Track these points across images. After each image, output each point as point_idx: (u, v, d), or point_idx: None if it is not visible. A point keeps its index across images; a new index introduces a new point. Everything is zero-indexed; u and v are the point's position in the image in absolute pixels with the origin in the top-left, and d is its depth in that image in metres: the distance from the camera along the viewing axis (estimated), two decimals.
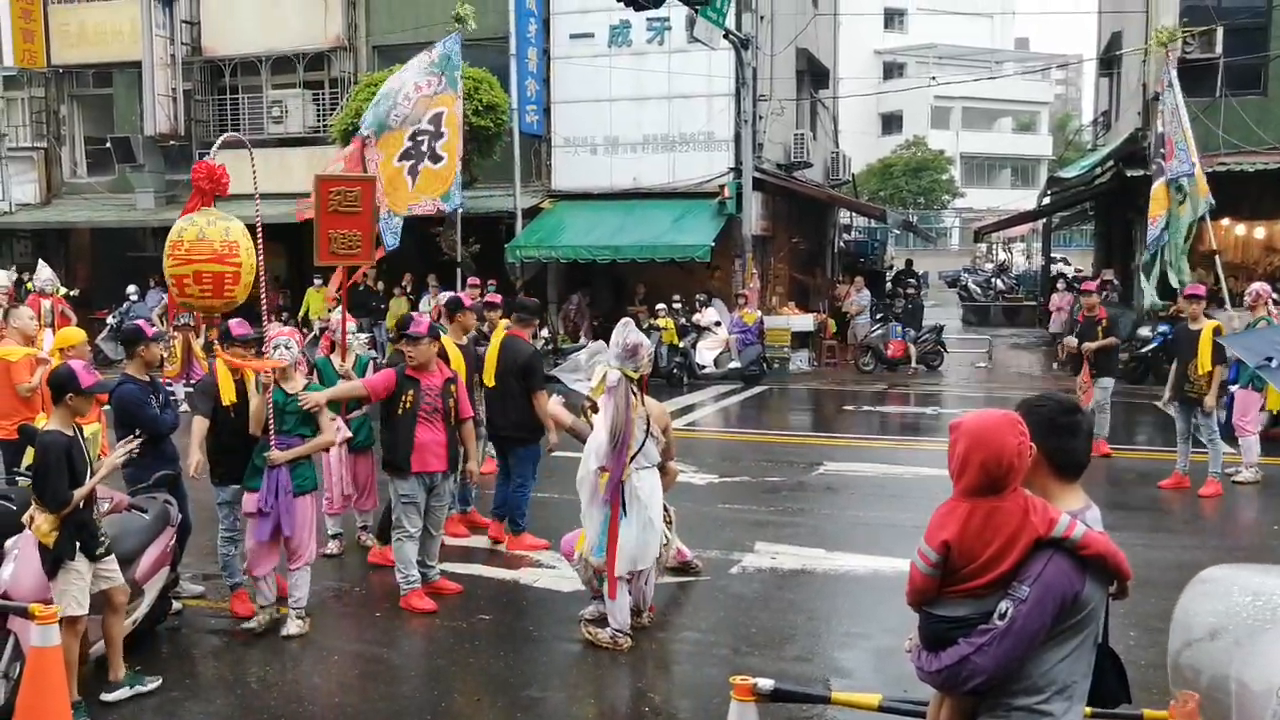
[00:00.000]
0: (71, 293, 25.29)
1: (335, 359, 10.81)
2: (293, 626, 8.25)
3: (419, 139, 15.04)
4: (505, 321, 11.30)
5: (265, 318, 8.76)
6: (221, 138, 9.25)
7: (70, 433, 6.76)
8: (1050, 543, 3.75)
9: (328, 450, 9.45)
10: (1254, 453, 13.35)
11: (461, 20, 19.23)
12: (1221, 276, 15.13)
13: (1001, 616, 3.74)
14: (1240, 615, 3.66)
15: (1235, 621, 3.67)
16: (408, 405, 8.89)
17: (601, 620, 8.20)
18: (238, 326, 8.97)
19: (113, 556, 7.00)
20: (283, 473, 8.19)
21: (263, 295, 8.58)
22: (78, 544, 6.67)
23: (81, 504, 6.69)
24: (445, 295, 12.59)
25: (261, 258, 8.26)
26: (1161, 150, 16.96)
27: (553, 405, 9.40)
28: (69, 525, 6.64)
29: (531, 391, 10.35)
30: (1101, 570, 3.79)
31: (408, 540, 8.94)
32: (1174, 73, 16.31)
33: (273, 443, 8.20)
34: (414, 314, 10.17)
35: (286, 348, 8.35)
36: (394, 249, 13.90)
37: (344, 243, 11.16)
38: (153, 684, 7.26)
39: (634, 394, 8.15)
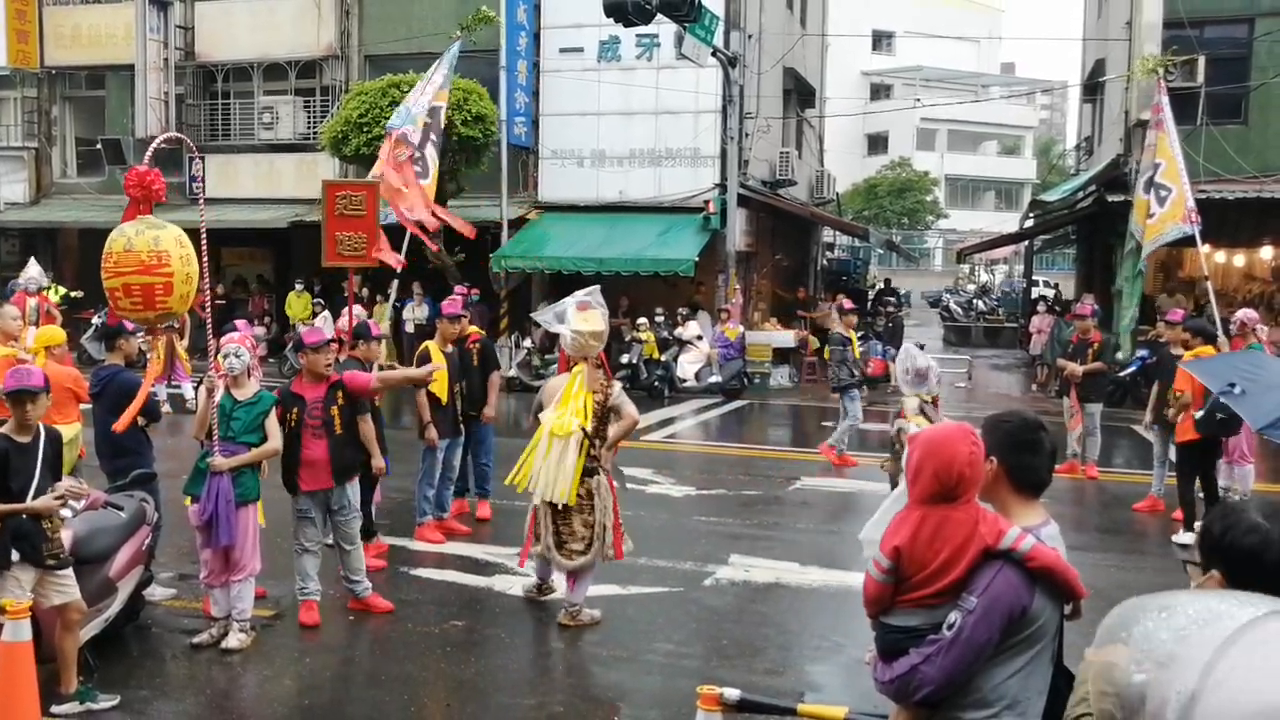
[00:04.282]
0: (74, 294, 25.29)
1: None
2: (234, 640, 8.09)
3: (428, 128, 15.58)
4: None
5: (209, 325, 8.70)
6: (160, 137, 9.20)
7: (21, 440, 6.62)
8: (999, 554, 3.80)
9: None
10: (1249, 481, 13.42)
11: (488, 21, 19.27)
12: (1214, 303, 15.20)
13: (950, 627, 3.79)
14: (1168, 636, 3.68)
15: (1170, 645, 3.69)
16: (292, 423, 8.66)
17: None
18: (244, 328, 8.91)
19: (69, 572, 6.81)
20: (224, 481, 8.01)
21: (206, 302, 8.52)
22: (17, 554, 6.49)
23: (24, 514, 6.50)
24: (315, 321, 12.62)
25: (205, 261, 8.21)
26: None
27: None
28: (5, 532, 6.49)
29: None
30: (1051, 585, 3.81)
31: (304, 554, 8.79)
32: (1166, 99, 16.36)
33: (216, 449, 8.06)
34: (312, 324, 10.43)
35: (237, 356, 8.20)
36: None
37: (350, 244, 11.59)
38: (108, 703, 7.03)
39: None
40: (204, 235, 8.30)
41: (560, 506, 8.64)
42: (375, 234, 11.78)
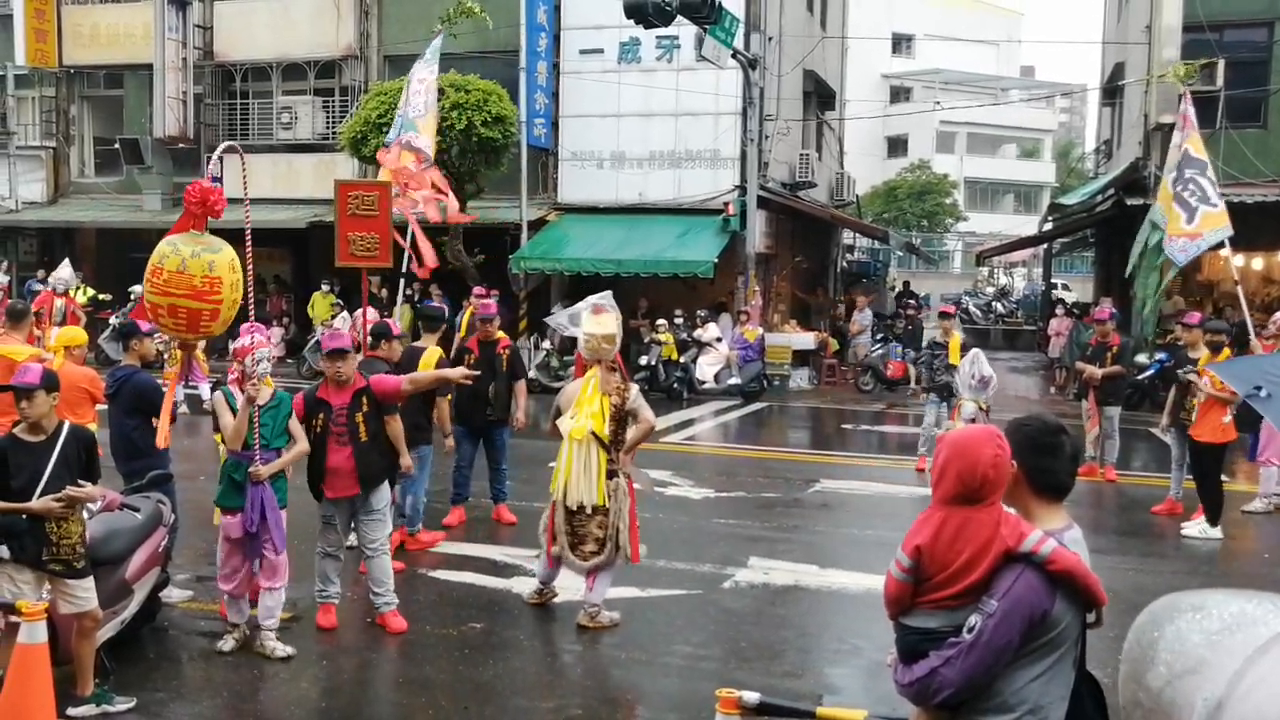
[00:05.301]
0: (102, 296, 25.39)
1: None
2: (282, 650, 8.02)
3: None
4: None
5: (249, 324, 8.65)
6: (222, 145, 9.16)
7: (29, 439, 6.58)
8: (1020, 557, 3.80)
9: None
10: (1272, 483, 13.42)
11: (469, 14, 19.30)
12: (1245, 309, 15.10)
13: (970, 630, 3.79)
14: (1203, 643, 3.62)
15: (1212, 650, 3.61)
16: (317, 429, 8.53)
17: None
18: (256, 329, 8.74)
19: (83, 582, 6.71)
20: (266, 489, 7.92)
21: (249, 307, 8.39)
22: (8, 552, 6.44)
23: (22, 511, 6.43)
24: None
25: (251, 265, 8.17)
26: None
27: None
28: None
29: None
30: (1072, 590, 3.81)
31: (325, 558, 8.75)
32: (1191, 108, 16.15)
33: (257, 458, 7.91)
34: (331, 328, 10.32)
35: (268, 360, 8.05)
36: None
37: (362, 245, 11.58)
38: (124, 705, 7.00)
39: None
40: (249, 237, 8.27)
41: (577, 508, 8.63)
42: (388, 234, 11.76)
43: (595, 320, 8.70)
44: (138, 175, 30.66)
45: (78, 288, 22.89)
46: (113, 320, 25.44)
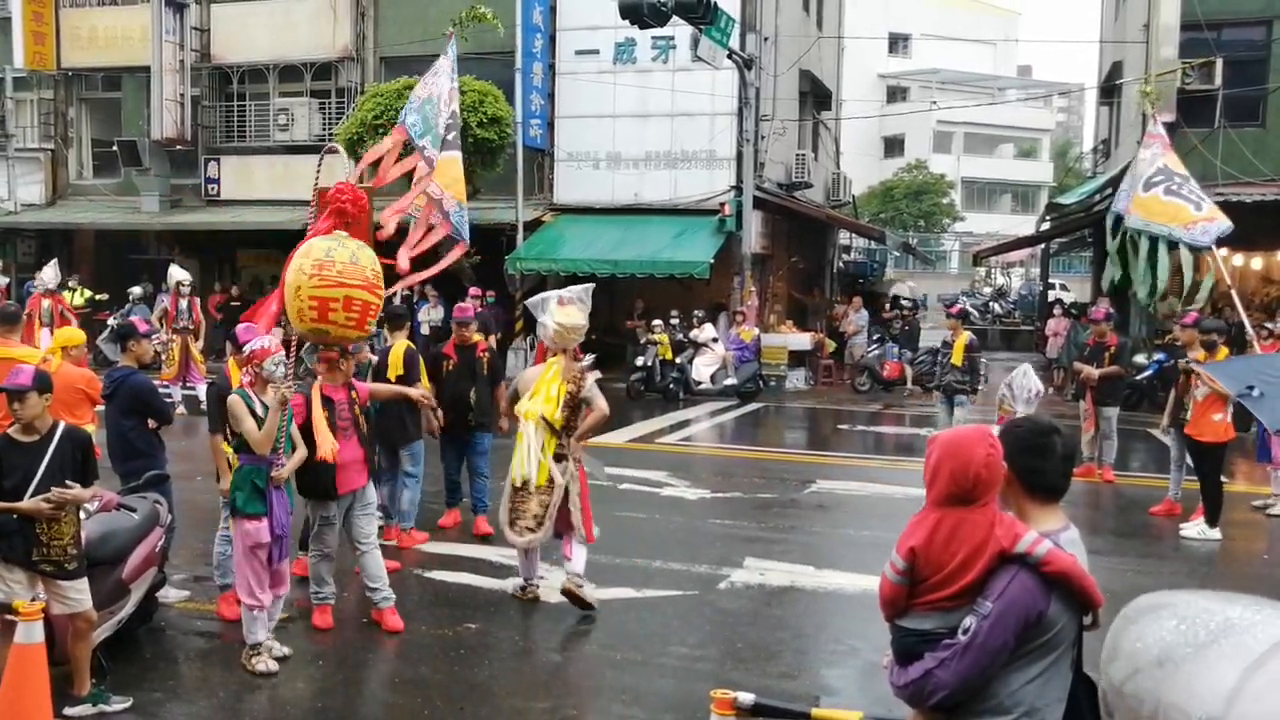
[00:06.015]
0: (99, 296, 25.36)
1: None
2: (280, 649, 7.99)
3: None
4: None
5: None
6: (327, 146, 9.13)
7: (23, 439, 6.56)
8: (1015, 558, 3.79)
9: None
10: None
11: (481, 19, 19.28)
12: (1241, 309, 15.12)
13: (965, 631, 3.78)
14: (1171, 640, 3.58)
15: (1172, 647, 3.58)
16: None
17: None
18: (246, 333, 8.53)
19: (76, 584, 6.68)
20: (283, 493, 7.86)
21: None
22: None
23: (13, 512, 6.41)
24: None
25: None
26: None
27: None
28: None
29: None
30: (1068, 591, 3.79)
31: (322, 560, 8.73)
32: (1162, 128, 16.37)
33: (280, 461, 7.83)
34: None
35: (284, 364, 7.97)
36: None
37: None
38: (121, 705, 6.99)
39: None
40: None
41: (521, 484, 8.84)
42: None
43: (562, 311, 8.92)
44: (135, 177, 30.65)
45: (71, 289, 22.86)
46: (110, 321, 25.48)
